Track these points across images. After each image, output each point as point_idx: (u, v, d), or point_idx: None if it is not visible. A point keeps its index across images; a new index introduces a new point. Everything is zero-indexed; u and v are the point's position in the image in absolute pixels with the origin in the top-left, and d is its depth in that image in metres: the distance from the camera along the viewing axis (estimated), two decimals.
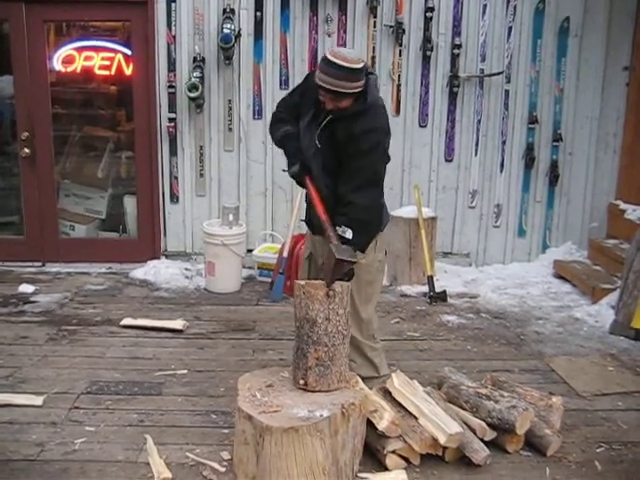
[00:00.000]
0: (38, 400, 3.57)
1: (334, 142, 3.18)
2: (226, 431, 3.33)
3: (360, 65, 3.07)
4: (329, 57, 3.04)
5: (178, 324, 4.68)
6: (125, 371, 4.00)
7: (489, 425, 3.19)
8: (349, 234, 3.11)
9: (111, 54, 6.03)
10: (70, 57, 6.02)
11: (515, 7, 5.82)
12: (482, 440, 3.14)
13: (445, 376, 3.60)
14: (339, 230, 3.12)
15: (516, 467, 3.13)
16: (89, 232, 6.38)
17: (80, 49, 6.04)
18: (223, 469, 3.02)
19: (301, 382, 2.99)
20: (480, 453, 3.07)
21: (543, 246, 6.26)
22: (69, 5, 5.67)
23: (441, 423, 3.04)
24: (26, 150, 5.81)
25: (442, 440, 3.01)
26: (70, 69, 6.05)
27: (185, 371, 4.02)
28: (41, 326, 4.67)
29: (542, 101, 6.00)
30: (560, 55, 5.93)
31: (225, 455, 3.13)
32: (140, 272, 5.77)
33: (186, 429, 3.37)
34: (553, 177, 6.10)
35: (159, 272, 5.74)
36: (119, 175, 6.64)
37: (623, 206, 5.89)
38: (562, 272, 5.88)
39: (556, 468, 3.13)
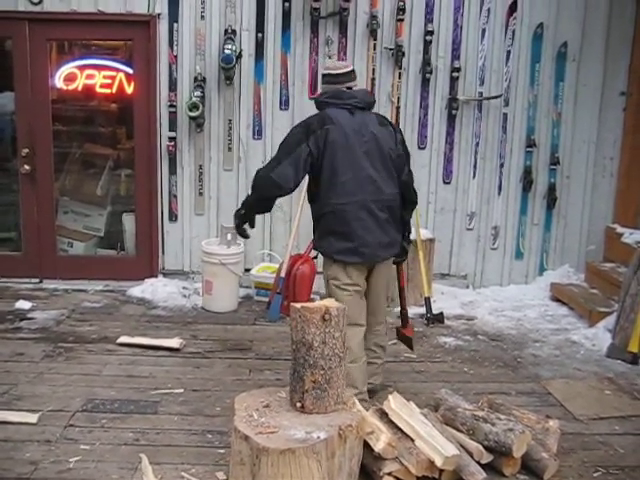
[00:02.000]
0: (33, 418, 3.56)
1: None
2: (222, 451, 3.32)
3: (325, 71, 3.79)
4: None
5: (175, 343, 4.67)
6: (121, 389, 3.99)
7: (486, 448, 3.18)
8: None
9: (113, 73, 6.07)
10: (72, 75, 6.06)
11: (514, 32, 5.88)
12: (479, 463, 3.13)
13: (442, 398, 3.60)
14: None
15: None
16: (87, 249, 6.38)
17: (82, 67, 6.08)
18: None
19: (298, 405, 2.98)
20: (477, 476, 3.06)
21: (540, 269, 6.27)
22: (72, 24, 5.72)
23: (438, 445, 3.03)
24: (26, 167, 5.83)
25: (439, 462, 2.99)
26: (72, 87, 6.09)
27: (181, 390, 4.01)
28: (37, 343, 4.66)
29: (540, 125, 6.05)
30: (558, 79, 5.99)
31: (221, 475, 3.11)
32: (137, 290, 5.77)
33: (182, 448, 3.36)
34: (551, 200, 6.13)
35: (156, 290, 5.74)
36: (118, 193, 6.66)
37: (620, 229, 5.91)
38: (559, 295, 5.88)
39: None
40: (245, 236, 3.86)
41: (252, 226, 3.81)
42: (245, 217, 3.75)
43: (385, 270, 3.80)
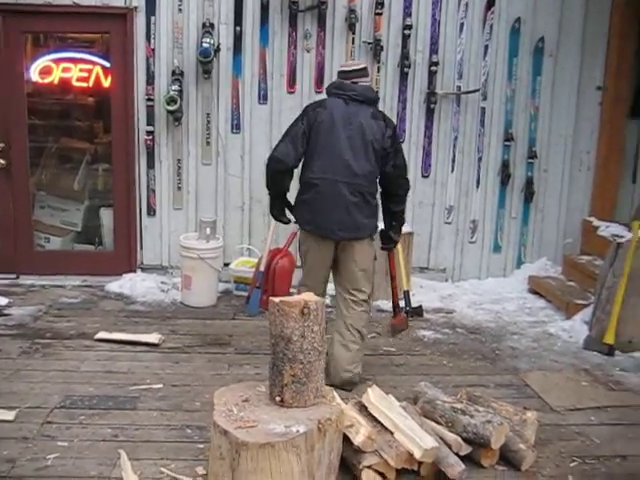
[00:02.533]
0: (10, 415, 3.52)
1: None
2: (201, 446, 3.31)
3: (342, 68, 4.21)
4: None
5: (154, 338, 4.64)
6: (99, 385, 3.96)
7: (464, 440, 3.21)
8: None
9: (89, 66, 6.00)
10: (48, 68, 5.98)
11: (492, 26, 5.91)
12: (457, 455, 3.15)
13: (421, 391, 3.62)
14: None
15: None
16: (64, 244, 6.33)
17: (58, 60, 6.00)
18: None
19: (277, 399, 2.98)
20: (455, 468, 3.08)
21: (518, 262, 6.32)
22: (47, 16, 5.63)
23: (417, 438, 3.05)
24: (1, 161, 5.75)
25: (418, 455, 3.01)
26: (47, 80, 6.01)
27: (160, 385, 3.99)
28: (14, 339, 4.61)
29: (518, 119, 6.09)
30: (535, 74, 6.02)
31: (200, 470, 3.11)
32: (116, 285, 5.72)
33: (161, 444, 3.34)
34: (528, 194, 6.17)
35: (135, 285, 5.70)
36: (96, 187, 6.59)
37: (596, 223, 5.97)
38: (537, 288, 5.94)
39: None
40: (284, 222, 4.24)
41: (283, 214, 4.18)
42: (273, 206, 4.18)
43: (354, 251, 3.99)
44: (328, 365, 3.82)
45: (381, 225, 4.22)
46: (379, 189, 4.10)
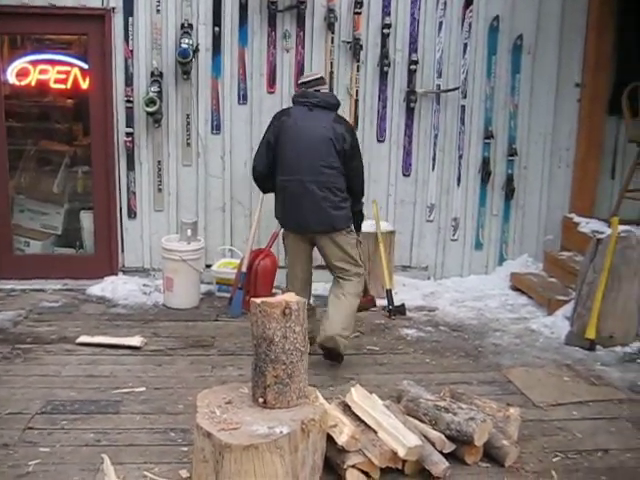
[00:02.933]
0: None
1: None
2: (185, 449, 3.30)
3: (301, 80, 4.60)
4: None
5: (136, 341, 4.62)
6: (81, 390, 3.93)
7: (448, 437, 3.22)
8: None
9: (67, 68, 5.97)
10: (25, 70, 5.94)
11: (470, 24, 5.93)
12: (441, 452, 3.16)
13: (404, 389, 3.63)
14: None
15: (475, 479, 3.16)
16: (45, 248, 6.27)
17: (35, 62, 5.96)
18: None
19: (260, 400, 2.97)
20: (439, 465, 3.09)
21: (500, 259, 6.35)
22: (24, 18, 5.58)
23: (400, 436, 3.06)
24: None
25: (401, 453, 3.02)
26: (25, 82, 5.96)
27: (143, 388, 3.97)
28: None
29: (497, 116, 6.12)
30: (514, 72, 6.06)
31: (184, 473, 3.09)
32: (97, 288, 5.68)
33: (144, 447, 3.32)
34: (509, 191, 6.20)
35: (116, 288, 5.66)
36: (75, 190, 6.55)
37: (577, 219, 6.01)
38: (518, 284, 5.97)
39: (514, 478, 3.17)
40: None
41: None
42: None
43: (332, 244, 4.32)
44: (319, 326, 4.30)
45: None
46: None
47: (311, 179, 4.20)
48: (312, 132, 4.23)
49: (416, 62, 5.86)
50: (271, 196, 4.48)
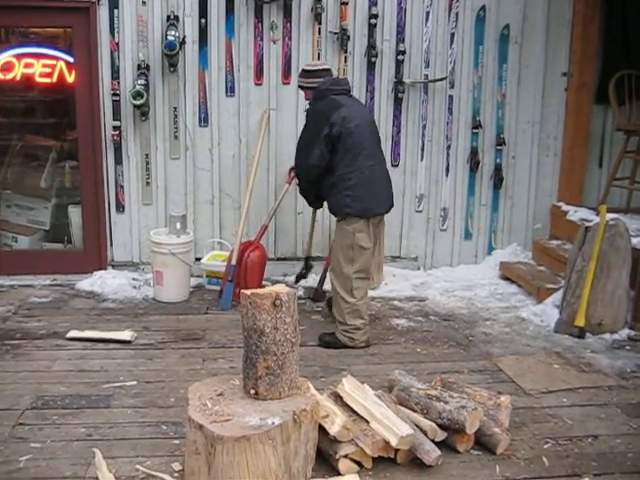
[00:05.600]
0: None
1: None
2: (177, 442, 3.29)
3: (309, 68, 4.72)
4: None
5: (126, 335, 4.60)
6: (72, 384, 3.92)
7: (440, 426, 3.23)
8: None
9: (52, 61, 5.90)
10: (9, 64, 5.86)
11: (457, 14, 5.92)
12: (433, 441, 3.18)
13: (395, 379, 3.63)
14: None
15: (467, 466, 3.18)
16: (33, 243, 6.23)
17: (20, 56, 5.89)
18: None
19: (252, 391, 2.97)
20: (431, 454, 3.10)
21: (489, 248, 6.37)
22: (8, 11, 5.52)
23: (392, 426, 3.06)
24: None
25: (394, 443, 3.03)
26: (9, 76, 5.89)
27: (134, 382, 3.96)
28: None
29: (485, 106, 6.12)
30: (501, 61, 6.06)
31: (176, 466, 3.09)
32: (86, 283, 5.66)
33: (136, 441, 3.32)
34: (497, 180, 6.22)
35: (106, 283, 5.63)
36: (63, 185, 6.49)
37: (565, 207, 6.04)
38: (508, 273, 5.99)
39: (505, 465, 3.19)
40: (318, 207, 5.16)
41: (322, 204, 4.92)
42: (314, 202, 4.97)
43: (384, 219, 4.86)
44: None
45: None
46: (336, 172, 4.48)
47: (381, 159, 4.61)
48: (366, 116, 4.66)
49: (403, 52, 5.85)
50: (260, 189, 4.44)
